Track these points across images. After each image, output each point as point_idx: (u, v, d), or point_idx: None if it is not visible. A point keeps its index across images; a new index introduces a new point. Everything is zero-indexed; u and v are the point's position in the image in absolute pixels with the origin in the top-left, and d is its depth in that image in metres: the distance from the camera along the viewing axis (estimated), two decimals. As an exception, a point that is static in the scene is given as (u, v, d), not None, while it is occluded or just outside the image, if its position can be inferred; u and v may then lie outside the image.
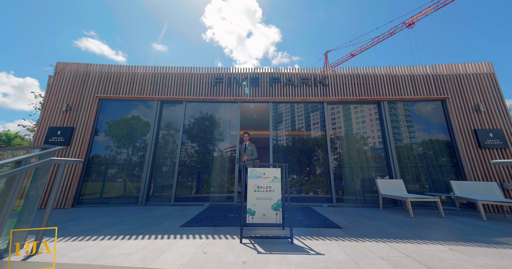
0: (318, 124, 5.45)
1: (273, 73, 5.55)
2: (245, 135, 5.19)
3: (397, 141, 5.12)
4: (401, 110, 5.36)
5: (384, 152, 5.08)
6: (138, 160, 5.10)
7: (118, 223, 3.11)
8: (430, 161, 4.96)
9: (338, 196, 4.89)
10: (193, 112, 5.53)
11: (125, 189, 4.98)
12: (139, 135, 5.30)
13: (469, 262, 1.79)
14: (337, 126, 5.40)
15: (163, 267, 1.67)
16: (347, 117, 5.47)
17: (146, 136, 5.25)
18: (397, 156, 4.94)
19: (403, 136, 5.20)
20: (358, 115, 5.47)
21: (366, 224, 3.16)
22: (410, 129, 5.24)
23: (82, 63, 5.54)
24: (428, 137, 5.08)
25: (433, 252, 2.01)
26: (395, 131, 5.17)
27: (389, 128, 5.09)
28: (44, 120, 4.98)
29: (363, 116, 5.47)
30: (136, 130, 5.33)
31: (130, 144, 5.24)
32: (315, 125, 5.48)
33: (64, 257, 1.85)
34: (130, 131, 5.33)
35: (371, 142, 5.27)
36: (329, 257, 1.89)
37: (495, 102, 4.82)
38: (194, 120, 5.50)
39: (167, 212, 3.98)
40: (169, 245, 2.18)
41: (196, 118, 5.52)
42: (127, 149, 5.23)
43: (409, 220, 3.45)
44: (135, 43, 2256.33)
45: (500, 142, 4.49)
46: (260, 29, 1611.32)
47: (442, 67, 5.25)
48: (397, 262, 1.79)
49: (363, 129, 5.38)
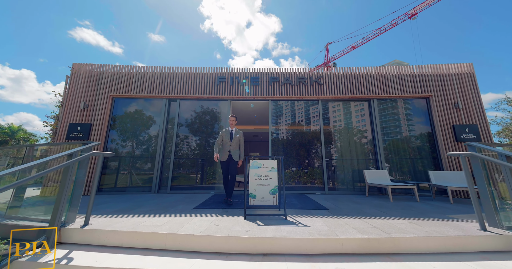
0: (313, 119, 5.95)
1: (272, 73, 5.99)
2: (231, 118, 4.07)
3: (384, 135, 5.65)
4: (389, 108, 5.84)
5: (372, 146, 5.61)
6: (150, 153, 5.64)
7: (140, 206, 3.68)
8: (414, 153, 5.50)
9: (330, 185, 5.47)
10: (198, 109, 6.03)
11: (138, 179, 5.56)
12: (149, 131, 5.82)
13: (418, 229, 2.35)
14: (331, 122, 5.91)
15: (188, 233, 2.23)
16: (340, 113, 5.97)
17: (156, 131, 5.77)
18: (384, 148, 5.48)
19: (390, 130, 5.72)
20: (350, 112, 5.97)
21: (350, 207, 3.73)
22: (397, 124, 5.76)
23: (96, 64, 5.99)
24: (413, 132, 5.61)
25: (395, 224, 2.57)
26: (383, 126, 5.68)
27: (377, 124, 5.60)
28: (65, 118, 5.49)
29: (357, 111, 5.97)
30: (146, 126, 5.85)
31: (142, 139, 5.78)
32: (310, 121, 5.99)
33: (110, 227, 2.41)
34: (141, 127, 5.85)
35: (361, 136, 5.79)
36: (313, 228, 2.45)
37: (473, 100, 5.30)
38: (199, 117, 6.00)
39: (178, 198, 4.56)
40: (187, 221, 2.74)
41: (201, 115, 6.02)
42: (139, 144, 5.76)
43: (388, 203, 4.02)
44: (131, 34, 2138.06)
45: (474, 136, 5.02)
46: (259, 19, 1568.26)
47: (427, 67, 5.70)
48: (364, 230, 2.35)
49: (354, 125, 5.89)
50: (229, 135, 4.01)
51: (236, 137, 3.99)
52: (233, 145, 3.95)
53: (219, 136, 4.06)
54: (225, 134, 4.00)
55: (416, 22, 61.31)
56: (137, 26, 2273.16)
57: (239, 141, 4.03)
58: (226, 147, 3.94)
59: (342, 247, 2.07)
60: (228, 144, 3.95)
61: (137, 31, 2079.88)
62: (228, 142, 3.96)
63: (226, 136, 3.99)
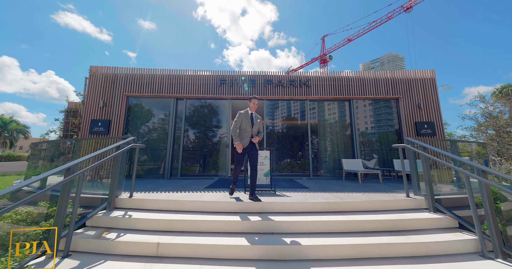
0: (301, 116, 6.93)
1: (266, 75, 6.89)
2: (253, 100, 3.39)
3: (360, 130, 6.69)
4: (366, 106, 6.86)
5: (350, 139, 6.66)
6: (162, 145, 6.57)
7: (161, 187, 4.66)
8: (385, 145, 6.58)
9: (315, 171, 6.53)
10: (202, 107, 6.92)
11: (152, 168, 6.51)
12: (160, 126, 6.72)
13: (365, 198, 3.41)
14: (316, 119, 6.91)
15: (207, 200, 3.23)
16: (324, 111, 6.96)
17: (166, 127, 6.67)
18: (360, 141, 6.54)
19: (365, 126, 6.76)
20: (333, 110, 6.96)
21: (326, 186, 4.80)
22: (372, 121, 6.79)
23: (110, 66, 6.76)
24: (385, 127, 6.66)
25: (352, 195, 3.63)
26: (359, 121, 6.71)
27: (355, 121, 6.63)
28: (87, 114, 6.33)
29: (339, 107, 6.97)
30: (157, 122, 6.74)
31: (154, 133, 6.68)
32: (299, 118, 6.97)
33: (148, 197, 3.39)
34: (152, 123, 6.74)
35: (342, 131, 6.83)
36: (293, 197, 3.48)
37: (432, 101, 6.36)
38: (202, 114, 6.91)
39: (189, 182, 5.55)
40: (202, 195, 3.74)
41: (204, 113, 6.92)
42: (152, 137, 6.67)
43: (357, 184, 5.11)
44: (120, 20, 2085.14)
45: (431, 131, 6.11)
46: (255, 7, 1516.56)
47: (398, 73, 6.68)
48: (328, 198, 3.39)
49: (337, 121, 6.91)
50: (250, 118, 3.36)
51: (257, 122, 3.40)
52: (254, 131, 3.37)
53: (237, 120, 3.35)
54: (245, 118, 3.34)
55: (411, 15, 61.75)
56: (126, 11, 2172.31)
57: (259, 127, 3.46)
58: (247, 133, 3.33)
59: (311, 207, 3.11)
60: (249, 130, 3.32)
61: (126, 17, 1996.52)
62: (248, 128, 3.32)
63: (246, 120, 3.33)
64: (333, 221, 2.76)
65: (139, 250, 2.38)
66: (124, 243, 2.43)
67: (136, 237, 2.54)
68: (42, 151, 4.94)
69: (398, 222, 2.80)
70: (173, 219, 2.83)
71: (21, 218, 2.70)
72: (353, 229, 2.72)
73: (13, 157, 21.19)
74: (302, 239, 2.46)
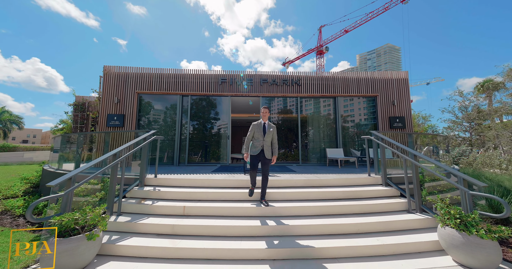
0: (293, 111, 7.88)
1: (262, 75, 7.74)
2: (264, 110, 3.58)
3: (343, 123, 7.69)
4: (349, 103, 7.83)
5: (335, 131, 7.67)
6: (170, 136, 7.48)
7: (174, 171, 5.63)
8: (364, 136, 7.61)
9: (304, 159, 7.57)
10: (205, 103, 7.79)
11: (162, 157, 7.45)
12: (168, 120, 7.60)
13: (337, 177, 4.44)
14: (306, 113, 7.87)
15: (217, 178, 4.22)
16: (312, 107, 7.92)
17: (173, 120, 7.56)
18: (342, 133, 7.56)
19: (348, 119, 7.77)
20: (320, 106, 7.92)
21: (310, 170, 5.84)
22: (354, 115, 7.79)
23: (122, 66, 7.50)
24: (364, 121, 7.67)
25: (327, 176, 4.66)
26: (343, 115, 7.70)
27: (339, 115, 7.62)
28: (103, 109, 7.15)
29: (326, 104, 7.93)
30: (165, 116, 7.61)
31: (163, 125, 7.57)
32: (291, 112, 7.92)
33: (168, 177, 4.36)
34: (161, 117, 7.61)
35: (328, 124, 7.82)
36: (281, 177, 4.50)
37: (404, 99, 7.36)
38: (205, 109, 7.79)
39: (196, 168, 6.53)
40: (211, 176, 4.73)
41: (207, 108, 7.81)
42: (161, 129, 7.56)
43: (336, 169, 6.16)
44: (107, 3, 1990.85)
45: (402, 124, 7.16)
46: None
47: (377, 73, 7.62)
48: (308, 177, 4.41)
49: (323, 115, 7.88)
50: (262, 128, 3.53)
51: (269, 131, 3.52)
52: (266, 141, 3.50)
53: (250, 130, 3.58)
54: (257, 128, 3.54)
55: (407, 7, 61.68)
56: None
57: (272, 136, 3.57)
58: (258, 142, 3.51)
59: (295, 183, 4.13)
60: (260, 140, 3.50)
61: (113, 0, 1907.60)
62: (260, 137, 3.50)
63: (258, 130, 3.52)
64: (310, 192, 3.80)
65: (170, 211, 3.38)
66: (159, 207, 3.42)
67: (166, 203, 3.53)
68: (73, 142, 5.83)
69: (357, 192, 3.85)
70: (191, 191, 3.82)
71: (86, 191, 3.62)
72: (324, 197, 3.76)
73: (8, 147, 21.44)
74: (287, 203, 3.50)
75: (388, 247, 2.66)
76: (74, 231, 2.42)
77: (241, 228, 2.94)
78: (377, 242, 2.69)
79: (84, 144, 5.84)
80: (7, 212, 4.28)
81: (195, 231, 2.94)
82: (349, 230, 3.00)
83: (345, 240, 2.76)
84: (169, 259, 2.54)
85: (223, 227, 2.95)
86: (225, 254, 2.56)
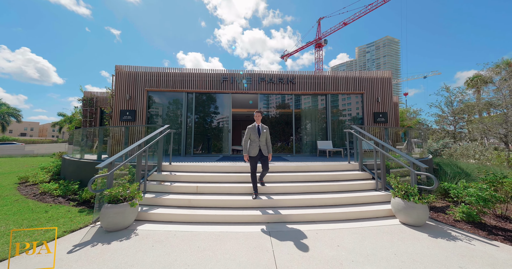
0: (288, 107, 8.67)
1: (260, 74, 8.47)
2: (257, 114, 4.07)
3: (333, 117, 8.51)
4: (338, 100, 8.62)
5: (325, 125, 8.50)
6: (176, 130, 8.27)
7: (183, 160, 6.45)
8: (352, 130, 8.45)
9: (298, 150, 8.43)
10: (208, 100, 8.54)
11: (170, 148, 8.26)
12: (174, 115, 8.36)
13: (322, 164, 5.30)
14: (300, 109, 8.66)
15: (222, 165, 5.06)
16: (305, 102, 8.70)
17: (179, 115, 8.32)
18: (332, 127, 8.40)
19: (337, 114, 8.58)
20: (312, 102, 8.70)
21: (301, 159, 6.70)
22: (343, 111, 8.60)
23: (132, 65, 8.17)
24: (351, 116, 8.49)
25: (315, 163, 5.51)
26: (333, 111, 8.51)
27: (329, 111, 8.42)
28: (116, 105, 7.89)
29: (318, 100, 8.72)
30: (172, 112, 8.37)
31: (171, 119, 8.34)
32: (286, 108, 8.70)
33: (182, 164, 5.20)
34: (168, 112, 8.36)
35: (319, 119, 8.63)
36: (276, 164, 5.34)
37: (387, 96, 8.16)
38: (208, 105, 8.55)
39: (201, 158, 7.36)
40: (216, 163, 5.56)
41: (209, 104, 8.56)
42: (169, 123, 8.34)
43: (325, 159, 7.03)
44: None
45: (384, 119, 8.00)
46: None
47: (364, 73, 8.38)
48: (298, 164, 5.27)
49: (315, 111, 8.68)
50: (257, 131, 4.02)
51: (263, 132, 4.03)
52: (262, 141, 3.99)
53: (246, 134, 4.05)
54: (252, 131, 4.01)
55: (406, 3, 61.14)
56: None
57: (266, 136, 4.08)
58: (256, 143, 3.98)
59: (286, 168, 4.99)
60: (257, 140, 3.98)
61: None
62: (256, 139, 3.98)
63: (254, 132, 4.00)
64: (298, 175, 4.66)
65: (186, 190, 4.23)
66: (176, 187, 4.27)
67: (182, 184, 4.38)
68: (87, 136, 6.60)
69: (337, 176, 4.72)
70: (202, 175, 4.67)
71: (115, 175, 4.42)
72: (310, 179, 4.63)
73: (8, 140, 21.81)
74: (279, 184, 4.37)
75: (354, 213, 3.54)
76: (118, 201, 3.26)
77: (242, 201, 3.81)
78: (346, 210, 3.58)
79: (105, 137, 6.61)
80: (46, 193, 5.11)
81: (207, 204, 3.80)
82: (327, 202, 3.88)
83: (323, 209, 3.64)
84: (188, 222, 3.41)
85: (229, 201, 3.82)
86: (231, 219, 3.43)
